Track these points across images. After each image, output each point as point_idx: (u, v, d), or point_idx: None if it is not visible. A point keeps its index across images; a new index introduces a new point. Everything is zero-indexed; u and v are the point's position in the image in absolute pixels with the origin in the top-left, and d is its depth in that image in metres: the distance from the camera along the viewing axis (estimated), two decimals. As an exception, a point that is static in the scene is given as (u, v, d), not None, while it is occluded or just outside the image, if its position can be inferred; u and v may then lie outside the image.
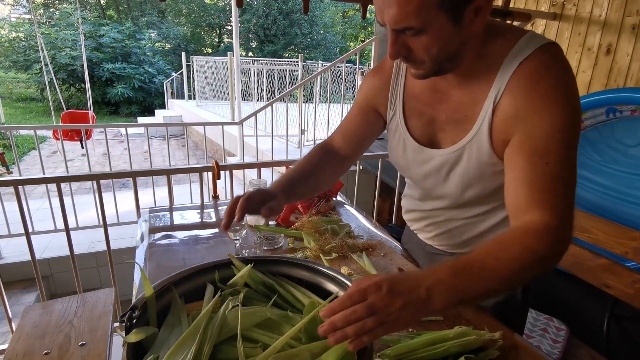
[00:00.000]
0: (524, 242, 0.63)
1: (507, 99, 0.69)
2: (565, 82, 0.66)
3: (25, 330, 1.19)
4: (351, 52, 4.13)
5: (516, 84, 0.68)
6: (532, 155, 0.67)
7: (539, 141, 0.66)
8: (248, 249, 1.02)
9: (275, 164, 3.29)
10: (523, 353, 0.79)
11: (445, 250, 0.97)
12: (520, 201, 0.68)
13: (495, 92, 0.70)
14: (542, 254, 0.63)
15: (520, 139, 0.68)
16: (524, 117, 0.67)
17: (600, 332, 1.61)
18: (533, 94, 0.66)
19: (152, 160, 4.22)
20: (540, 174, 0.66)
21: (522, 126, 0.68)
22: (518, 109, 0.68)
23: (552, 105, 0.65)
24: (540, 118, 0.66)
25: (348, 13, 20.81)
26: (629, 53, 2.13)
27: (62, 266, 3.09)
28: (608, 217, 1.71)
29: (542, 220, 0.65)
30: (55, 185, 1.77)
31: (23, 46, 12.87)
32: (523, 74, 0.67)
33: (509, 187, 0.70)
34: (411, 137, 0.86)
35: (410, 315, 0.54)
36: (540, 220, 0.65)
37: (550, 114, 0.65)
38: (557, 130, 0.65)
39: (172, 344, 0.56)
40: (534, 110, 0.66)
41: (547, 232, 0.64)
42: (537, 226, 0.65)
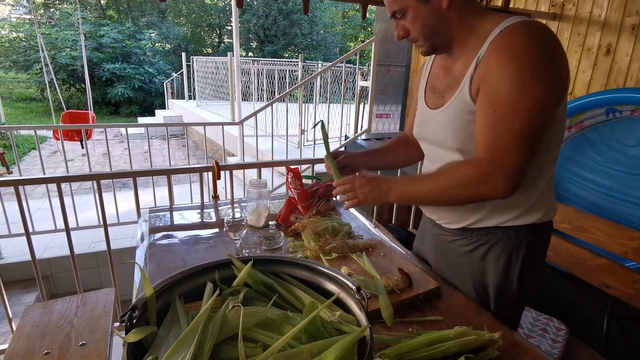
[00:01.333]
0: (454, 168, 0.86)
1: (484, 57, 0.81)
2: (535, 44, 0.75)
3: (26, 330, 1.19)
4: (351, 52, 4.13)
5: (492, 45, 0.80)
6: (486, 104, 0.80)
7: (491, 91, 0.79)
8: (248, 249, 1.02)
9: (275, 164, 3.30)
10: (523, 353, 0.79)
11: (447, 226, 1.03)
12: (477, 144, 0.84)
13: (479, 53, 0.82)
14: (465, 179, 0.82)
15: (483, 90, 0.81)
16: (488, 72, 0.79)
17: (600, 332, 1.61)
18: (498, 52, 0.78)
19: (152, 160, 4.23)
20: (487, 120, 0.80)
21: (486, 80, 0.80)
22: (487, 65, 0.80)
23: (512, 62, 0.75)
24: (497, 72, 0.77)
25: (348, 13, 20.80)
26: (628, 53, 2.13)
27: (62, 266, 3.09)
28: (608, 217, 1.71)
29: (476, 155, 0.83)
30: (55, 185, 1.77)
31: (23, 46, 12.86)
32: (499, 37, 0.79)
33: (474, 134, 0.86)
34: (426, 105, 1.02)
35: (372, 198, 0.95)
36: (476, 156, 0.83)
37: (506, 69, 0.76)
38: (510, 81, 0.75)
39: (172, 343, 0.56)
40: (496, 65, 0.78)
41: (474, 162, 0.83)
42: (472, 159, 0.84)
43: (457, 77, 0.89)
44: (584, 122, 2.05)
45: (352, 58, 4.36)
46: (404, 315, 0.89)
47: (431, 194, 0.88)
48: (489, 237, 0.95)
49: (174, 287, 0.70)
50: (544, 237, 0.97)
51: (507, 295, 0.97)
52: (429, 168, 1.05)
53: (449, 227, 1.02)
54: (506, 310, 0.98)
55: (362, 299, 0.65)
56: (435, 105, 0.97)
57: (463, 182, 0.83)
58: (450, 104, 0.90)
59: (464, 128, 0.88)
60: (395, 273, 1.00)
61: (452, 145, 0.92)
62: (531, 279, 0.96)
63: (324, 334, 0.62)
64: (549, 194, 0.94)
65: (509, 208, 0.91)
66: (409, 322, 0.87)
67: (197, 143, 9.15)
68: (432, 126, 0.97)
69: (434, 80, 1.00)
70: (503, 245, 0.94)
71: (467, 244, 0.99)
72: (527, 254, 0.93)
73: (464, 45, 0.87)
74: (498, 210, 0.92)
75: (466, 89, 0.85)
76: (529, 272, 0.95)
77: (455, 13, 0.85)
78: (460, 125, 0.88)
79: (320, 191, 1.39)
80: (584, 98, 1.96)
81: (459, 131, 0.89)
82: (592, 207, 1.99)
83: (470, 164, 0.84)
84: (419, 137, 1.07)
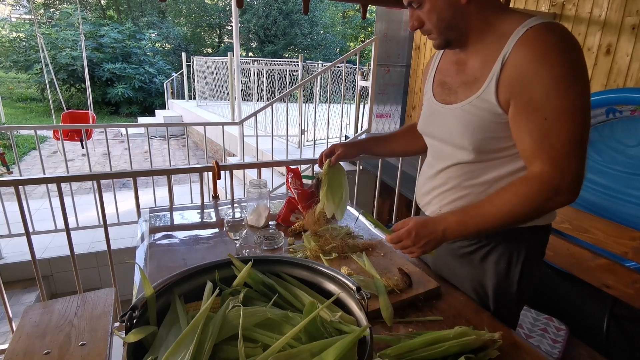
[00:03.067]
0: (516, 189, 0.80)
1: (513, 58, 0.78)
2: (565, 46, 0.74)
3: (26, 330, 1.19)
4: (351, 52, 4.13)
5: (521, 45, 0.77)
6: (532, 112, 0.77)
7: (536, 97, 0.76)
8: (248, 249, 1.02)
9: (275, 164, 3.29)
10: (523, 353, 0.79)
11: None
12: (526, 154, 0.81)
13: (504, 53, 0.80)
14: (531, 197, 0.78)
15: (522, 96, 0.78)
16: (524, 76, 0.76)
17: (600, 332, 1.61)
18: (533, 54, 0.75)
19: (152, 160, 4.22)
20: (538, 129, 0.77)
21: (523, 84, 0.77)
22: (520, 68, 0.77)
23: (551, 66, 0.73)
24: (537, 76, 0.75)
25: (348, 13, 20.80)
26: (628, 53, 2.13)
27: (62, 266, 3.09)
28: (608, 217, 1.71)
29: (538, 169, 0.79)
30: (55, 185, 1.77)
31: (23, 46, 12.86)
32: (527, 37, 0.77)
33: (516, 141, 0.83)
34: (435, 99, 0.99)
35: (431, 246, 0.87)
36: (536, 169, 0.79)
37: (547, 73, 0.74)
38: (554, 87, 0.74)
39: (172, 343, 0.56)
40: (533, 69, 0.75)
41: (539, 179, 0.78)
42: (532, 174, 0.80)
43: (475, 75, 0.86)
44: (584, 122, 2.05)
45: (352, 58, 4.36)
46: (404, 315, 0.89)
47: (497, 220, 0.82)
48: (490, 239, 0.95)
49: (174, 287, 0.70)
50: (544, 239, 0.97)
51: (507, 296, 0.96)
52: (432, 165, 1.02)
53: None
54: (505, 310, 0.98)
55: (362, 299, 0.65)
56: (445, 100, 0.95)
57: (531, 200, 0.78)
58: (470, 102, 0.86)
59: (484, 128, 0.85)
60: (395, 273, 1.00)
61: (465, 144, 0.89)
62: (531, 279, 0.96)
63: (324, 334, 0.62)
64: None
65: None
66: (409, 322, 0.87)
67: (197, 143, 9.15)
68: (442, 122, 0.95)
69: (444, 75, 0.98)
70: (504, 247, 0.94)
71: (468, 245, 0.99)
72: (527, 255, 0.93)
73: (481, 42, 0.85)
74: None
75: (492, 90, 0.82)
76: (529, 273, 0.95)
77: (474, 8, 0.83)
78: (480, 126, 0.86)
79: (320, 191, 1.39)
80: (584, 98, 1.96)
81: (477, 131, 0.86)
82: (592, 207, 1.99)
83: (534, 180, 0.78)
84: (424, 132, 1.06)
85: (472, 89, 0.87)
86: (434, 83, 1.02)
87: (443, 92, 0.96)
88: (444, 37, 0.88)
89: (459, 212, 0.86)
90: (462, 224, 0.84)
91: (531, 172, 0.80)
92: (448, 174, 0.97)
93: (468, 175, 0.93)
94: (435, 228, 0.85)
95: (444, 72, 0.99)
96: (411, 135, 1.24)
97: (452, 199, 0.97)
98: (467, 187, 0.93)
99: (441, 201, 0.99)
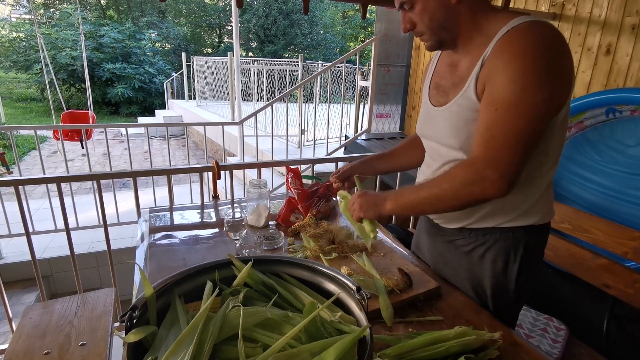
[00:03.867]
0: (449, 172, 0.85)
1: (490, 57, 0.81)
2: (541, 44, 0.74)
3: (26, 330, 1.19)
4: (351, 52, 4.13)
5: (498, 44, 0.79)
6: (488, 103, 0.80)
7: (494, 90, 0.78)
8: (248, 249, 1.02)
9: (275, 164, 3.29)
10: (523, 353, 0.79)
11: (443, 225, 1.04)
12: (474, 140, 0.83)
13: (485, 53, 0.82)
14: (458, 178, 0.82)
15: (487, 89, 0.81)
16: (492, 72, 0.79)
17: (600, 332, 1.61)
18: (504, 52, 0.77)
19: (152, 160, 4.23)
20: (487, 119, 0.80)
21: (490, 80, 0.80)
22: (492, 64, 0.79)
23: (516, 63, 0.75)
24: (502, 71, 0.77)
25: (348, 13, 20.80)
26: (628, 53, 2.13)
27: (62, 266, 3.09)
28: (608, 217, 1.71)
29: (473, 155, 0.82)
30: (55, 185, 1.78)
31: (23, 46, 12.86)
32: (507, 36, 0.78)
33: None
34: (430, 103, 1.01)
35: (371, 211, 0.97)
36: (473, 155, 0.82)
37: (511, 70, 0.75)
38: (513, 82, 0.75)
39: (172, 343, 0.56)
40: (501, 65, 0.77)
41: (468, 162, 0.83)
42: (468, 159, 0.84)
43: (462, 75, 0.88)
44: (584, 122, 2.05)
45: (352, 58, 4.36)
46: (404, 315, 0.89)
47: (428, 199, 0.87)
48: (487, 238, 0.95)
49: (174, 287, 0.70)
50: (542, 239, 0.97)
51: (505, 295, 0.97)
52: (429, 165, 1.04)
53: (446, 226, 1.02)
54: (504, 310, 0.98)
55: (362, 299, 0.65)
56: (439, 103, 0.96)
57: (459, 184, 0.82)
58: (455, 102, 0.89)
59: (467, 127, 0.87)
60: (395, 273, 1.00)
61: (454, 143, 0.91)
62: (529, 279, 0.96)
63: (324, 334, 0.62)
64: (548, 196, 0.94)
65: (507, 209, 0.91)
66: (409, 322, 0.87)
67: (197, 143, 9.15)
68: (435, 124, 0.97)
69: (439, 78, 1.00)
70: (501, 246, 0.94)
71: (465, 244, 0.99)
72: (525, 254, 0.93)
73: (470, 43, 0.87)
74: (496, 211, 0.92)
75: (472, 88, 0.84)
76: (527, 273, 0.95)
77: (465, 9, 0.85)
78: (464, 124, 0.87)
79: (320, 191, 1.39)
80: (584, 98, 1.96)
81: (462, 130, 0.88)
82: (592, 207, 1.99)
83: (464, 164, 0.83)
84: (422, 134, 1.07)
85: (458, 89, 0.88)
86: (430, 86, 1.03)
87: (438, 95, 0.98)
88: (436, 38, 0.89)
89: (402, 189, 0.96)
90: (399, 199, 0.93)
91: (467, 158, 0.85)
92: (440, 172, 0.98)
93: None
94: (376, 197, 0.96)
95: (439, 75, 1.00)
96: (413, 147, 1.23)
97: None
98: None
99: None
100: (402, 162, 1.28)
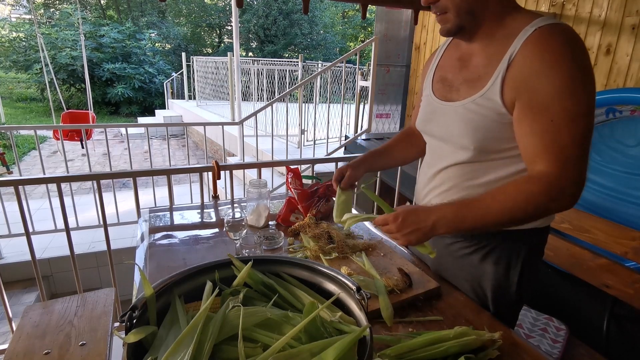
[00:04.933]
0: (520, 186, 0.78)
1: (520, 58, 0.77)
2: (574, 49, 0.74)
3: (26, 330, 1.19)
4: (351, 52, 4.13)
5: (529, 45, 0.76)
6: (538, 113, 0.76)
7: (544, 99, 0.75)
8: (248, 249, 1.02)
9: (275, 164, 3.29)
10: (523, 353, 0.79)
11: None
12: (529, 154, 0.79)
13: (510, 52, 0.79)
14: (535, 196, 0.76)
15: (529, 97, 0.77)
16: (532, 77, 0.75)
17: (600, 332, 1.61)
18: (542, 55, 0.74)
19: (152, 160, 4.23)
20: (544, 130, 0.76)
21: (530, 85, 0.76)
22: (528, 69, 0.76)
23: (559, 67, 0.73)
24: (546, 77, 0.74)
25: (348, 13, 20.80)
26: (628, 53, 2.13)
27: (62, 266, 3.09)
28: (608, 217, 1.71)
29: (543, 169, 0.77)
30: (55, 185, 1.77)
31: (23, 46, 12.86)
32: (536, 37, 0.76)
33: (520, 142, 0.81)
34: (434, 96, 0.97)
35: (416, 237, 0.80)
36: (542, 169, 0.77)
37: (556, 74, 0.73)
38: (562, 89, 0.73)
39: (172, 343, 0.56)
40: (541, 71, 0.74)
41: (545, 179, 0.76)
42: (537, 174, 0.77)
43: (479, 72, 0.85)
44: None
45: (352, 58, 4.36)
46: (404, 315, 0.89)
47: (497, 217, 0.78)
48: (490, 241, 0.95)
49: (174, 287, 0.70)
50: (543, 239, 0.97)
51: (506, 296, 0.96)
52: (432, 165, 1.01)
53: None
54: (505, 310, 0.98)
55: (362, 299, 0.65)
56: (445, 97, 0.93)
57: (535, 199, 0.76)
58: (472, 100, 0.85)
59: (485, 128, 0.84)
60: (395, 273, 1.00)
61: (467, 143, 0.87)
62: (530, 280, 0.96)
63: (324, 334, 0.62)
64: None
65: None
66: (409, 322, 0.87)
67: (197, 143, 9.15)
68: (442, 120, 0.93)
69: (445, 71, 0.96)
70: (503, 249, 0.94)
71: (467, 246, 0.98)
72: (526, 257, 0.93)
73: (489, 37, 0.84)
74: None
75: (497, 90, 0.80)
76: (529, 274, 0.95)
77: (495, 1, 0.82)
78: (481, 125, 0.84)
79: (320, 191, 1.39)
80: (584, 98, 1.96)
81: (479, 130, 0.85)
82: (592, 207, 1.99)
83: (540, 180, 0.76)
84: (424, 130, 1.03)
85: (476, 86, 0.85)
86: (433, 79, 0.99)
87: (443, 89, 0.94)
88: (458, 22, 0.83)
89: (458, 204, 0.81)
90: (459, 216, 0.79)
91: (536, 172, 0.78)
92: (448, 174, 0.96)
93: (468, 176, 0.92)
94: (426, 217, 0.79)
95: (445, 69, 0.97)
96: (407, 141, 1.22)
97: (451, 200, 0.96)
98: (467, 188, 0.93)
99: (440, 202, 0.98)
100: (398, 157, 1.25)
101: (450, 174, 0.95)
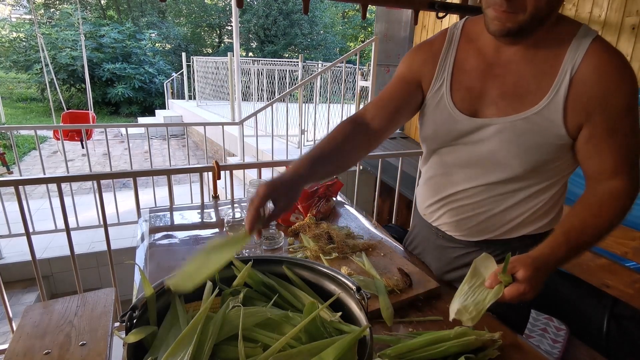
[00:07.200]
0: (613, 206, 0.77)
1: (587, 75, 0.74)
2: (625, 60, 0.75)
3: (26, 330, 1.19)
4: (351, 52, 4.13)
5: (593, 60, 0.74)
6: (614, 129, 0.75)
7: (619, 115, 0.75)
8: (248, 249, 1.02)
9: (275, 164, 3.29)
10: (523, 353, 0.79)
11: (461, 238, 0.97)
12: (606, 171, 0.78)
13: (570, 66, 0.75)
14: (624, 213, 0.78)
15: (606, 115, 0.75)
16: (607, 95, 0.74)
17: (600, 332, 1.61)
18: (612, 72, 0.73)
19: (153, 160, 4.23)
20: (620, 145, 0.76)
21: (605, 103, 0.74)
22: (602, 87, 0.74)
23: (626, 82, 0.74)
24: (620, 93, 0.73)
25: (348, 13, 20.81)
26: (629, 53, 2.13)
27: (62, 266, 3.09)
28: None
29: (623, 185, 0.77)
30: (55, 185, 1.78)
31: (23, 46, 12.87)
32: (598, 52, 0.74)
33: (590, 160, 0.79)
34: (456, 108, 0.86)
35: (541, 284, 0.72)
36: (622, 185, 0.77)
37: (627, 89, 0.74)
38: (629, 105, 0.74)
39: (172, 343, 0.56)
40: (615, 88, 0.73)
41: (627, 195, 0.78)
42: (620, 191, 0.77)
43: (527, 86, 0.78)
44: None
45: (352, 58, 4.36)
46: (404, 315, 0.89)
47: (597, 241, 0.77)
48: (505, 247, 0.92)
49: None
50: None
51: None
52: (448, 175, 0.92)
53: (464, 239, 0.97)
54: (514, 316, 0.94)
55: (362, 299, 0.65)
56: (475, 111, 0.84)
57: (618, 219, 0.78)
58: (524, 118, 0.78)
59: (540, 149, 0.79)
60: (395, 273, 1.00)
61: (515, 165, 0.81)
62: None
63: (324, 334, 0.62)
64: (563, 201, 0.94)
65: (542, 218, 0.90)
66: (409, 322, 0.87)
67: (197, 143, 9.15)
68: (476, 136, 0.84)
69: (470, 78, 0.85)
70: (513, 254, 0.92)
71: (473, 251, 0.96)
72: None
73: (535, 44, 0.78)
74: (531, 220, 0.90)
75: (558, 108, 0.76)
76: None
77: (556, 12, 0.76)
78: (536, 145, 0.78)
79: (320, 191, 1.39)
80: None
81: (532, 152, 0.79)
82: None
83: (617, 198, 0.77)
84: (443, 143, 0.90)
85: (524, 102, 0.78)
86: (452, 86, 0.87)
87: (471, 100, 0.84)
88: (528, 23, 0.71)
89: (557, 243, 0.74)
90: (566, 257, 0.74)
91: (616, 189, 0.77)
92: (474, 192, 0.90)
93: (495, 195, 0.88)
94: (543, 272, 0.71)
95: (470, 75, 0.85)
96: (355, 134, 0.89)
97: (467, 216, 0.93)
98: (487, 204, 0.90)
99: (453, 217, 0.95)
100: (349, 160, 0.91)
101: (476, 191, 0.90)
